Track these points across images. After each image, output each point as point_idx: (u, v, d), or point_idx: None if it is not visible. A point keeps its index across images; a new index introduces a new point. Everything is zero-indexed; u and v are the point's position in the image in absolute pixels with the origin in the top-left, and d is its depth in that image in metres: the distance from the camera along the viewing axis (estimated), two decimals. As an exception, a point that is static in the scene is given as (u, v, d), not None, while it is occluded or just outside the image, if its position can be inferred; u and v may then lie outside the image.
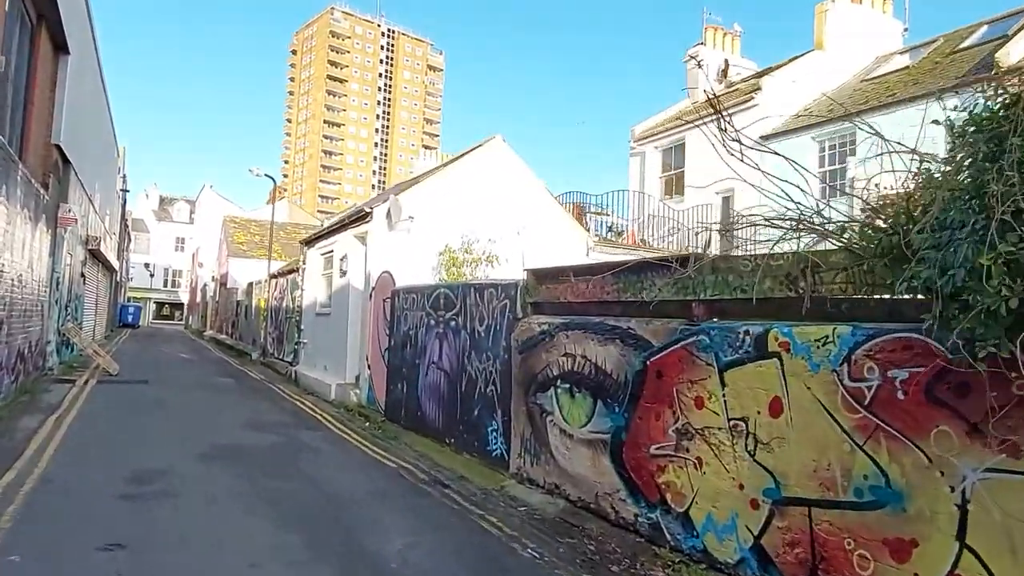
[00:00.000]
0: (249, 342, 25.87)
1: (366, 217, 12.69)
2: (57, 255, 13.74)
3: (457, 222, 12.83)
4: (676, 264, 5.50)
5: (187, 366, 19.44)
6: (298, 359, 17.04)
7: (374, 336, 12.13)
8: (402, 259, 12.31)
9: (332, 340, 14.43)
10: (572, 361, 6.60)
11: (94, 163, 19.19)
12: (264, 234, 37.58)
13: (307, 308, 16.93)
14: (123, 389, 12.95)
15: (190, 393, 13.14)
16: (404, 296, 10.83)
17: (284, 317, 19.61)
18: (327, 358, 14.76)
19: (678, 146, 20.71)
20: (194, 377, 16.34)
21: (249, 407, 11.88)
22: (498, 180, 13.52)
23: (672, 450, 5.36)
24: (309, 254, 17.15)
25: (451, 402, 8.98)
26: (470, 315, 8.68)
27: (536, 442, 7.10)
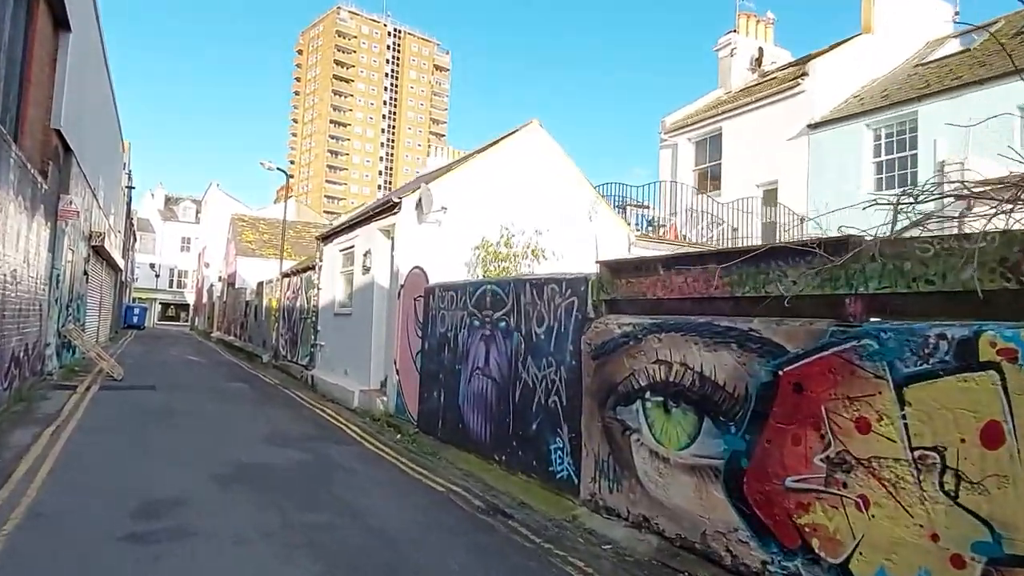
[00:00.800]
0: (259, 344, 24.82)
1: (393, 208, 11.60)
2: (57, 251, 12.69)
3: (492, 214, 11.75)
4: (820, 251, 4.39)
5: (196, 369, 18.38)
6: (315, 363, 15.96)
7: (403, 338, 11.04)
8: (433, 254, 11.23)
9: (354, 343, 13.34)
10: (666, 369, 5.49)
11: (98, 155, 18.17)
12: (273, 233, 36.60)
13: (324, 308, 15.85)
14: (128, 396, 11.88)
15: (201, 400, 12.06)
16: (440, 294, 9.73)
17: (298, 318, 18.54)
18: (348, 362, 13.67)
19: (714, 137, 19.58)
20: (204, 382, 15.28)
21: (267, 416, 10.79)
22: (535, 169, 12.42)
23: (820, 484, 4.24)
24: (326, 251, 16.07)
25: (501, 414, 7.87)
26: (524, 315, 7.57)
27: (616, 465, 5.98)
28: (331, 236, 15.64)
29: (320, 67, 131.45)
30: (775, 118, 17.50)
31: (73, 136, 13.15)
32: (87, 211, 16.54)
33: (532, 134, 12.56)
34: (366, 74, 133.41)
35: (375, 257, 12.53)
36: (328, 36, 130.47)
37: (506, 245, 11.05)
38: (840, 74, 17.01)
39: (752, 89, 19.33)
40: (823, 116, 16.43)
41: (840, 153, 15.80)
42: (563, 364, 6.84)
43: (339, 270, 15.08)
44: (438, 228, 11.58)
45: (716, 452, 4.98)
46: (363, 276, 13.10)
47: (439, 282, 10.03)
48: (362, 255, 13.05)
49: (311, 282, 17.40)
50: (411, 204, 11.39)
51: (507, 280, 8.23)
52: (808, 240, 4.63)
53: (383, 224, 12.26)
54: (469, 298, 8.88)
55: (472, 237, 11.55)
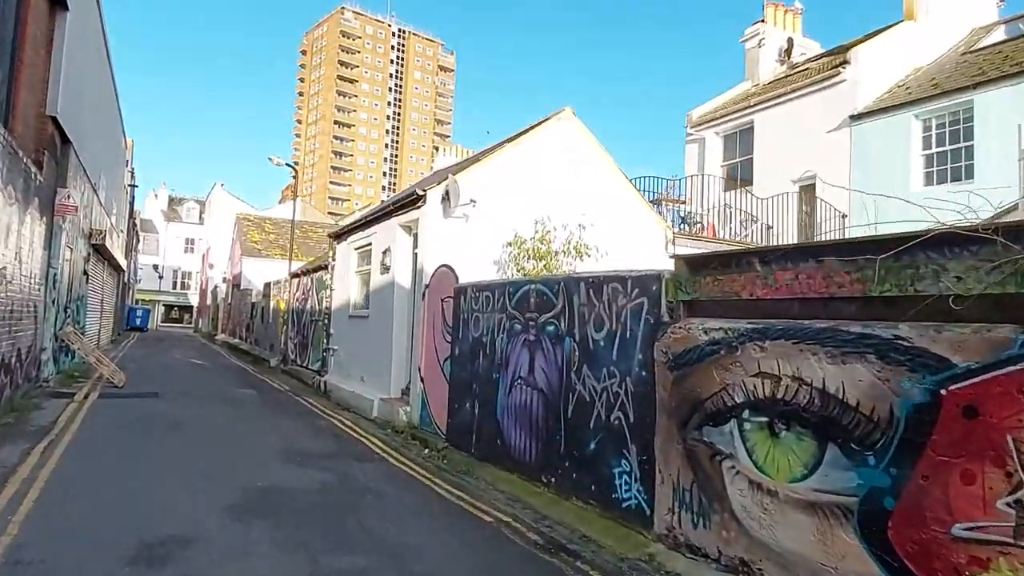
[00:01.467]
0: (266, 347, 23.94)
1: (417, 202, 10.70)
2: (54, 248, 11.81)
3: (523, 208, 10.86)
4: (1000, 238, 3.47)
5: (201, 374, 17.48)
6: (327, 368, 15.06)
7: (428, 343, 10.13)
8: (459, 251, 10.33)
9: (371, 347, 12.43)
10: (772, 384, 4.57)
11: (99, 149, 17.31)
12: (279, 233, 35.77)
13: (337, 310, 14.96)
14: (129, 405, 10.98)
15: (208, 409, 11.16)
16: (473, 295, 8.81)
17: (309, 320, 17.64)
18: (365, 368, 12.76)
19: (744, 130, 18.65)
20: (210, 388, 14.38)
21: (279, 428, 9.88)
22: (568, 160, 11.52)
23: (1008, 535, 3.32)
24: (339, 249, 15.18)
25: (550, 430, 6.96)
26: (579, 318, 6.66)
27: (702, 495, 5.06)
28: (345, 234, 14.75)
29: (324, 67, 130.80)
30: (813, 109, 16.57)
31: (72, 126, 12.29)
32: (87, 208, 15.68)
33: (564, 123, 11.65)
34: (370, 74, 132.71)
35: (395, 255, 11.62)
36: (332, 36, 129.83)
37: (542, 241, 10.12)
38: (883, 63, 16.08)
39: (786, 80, 18.40)
40: (866, 106, 15.49)
41: (886, 145, 14.86)
42: (629, 375, 5.92)
43: (354, 270, 14.18)
44: (465, 223, 10.68)
45: (846, 488, 4.06)
46: (382, 276, 12.19)
47: (471, 281, 9.12)
48: (380, 253, 12.14)
49: (323, 282, 16.51)
50: (437, 197, 10.49)
51: (555, 278, 7.31)
52: (979, 224, 3.70)
53: (405, 219, 11.37)
54: (508, 299, 7.97)
55: (502, 233, 10.65)
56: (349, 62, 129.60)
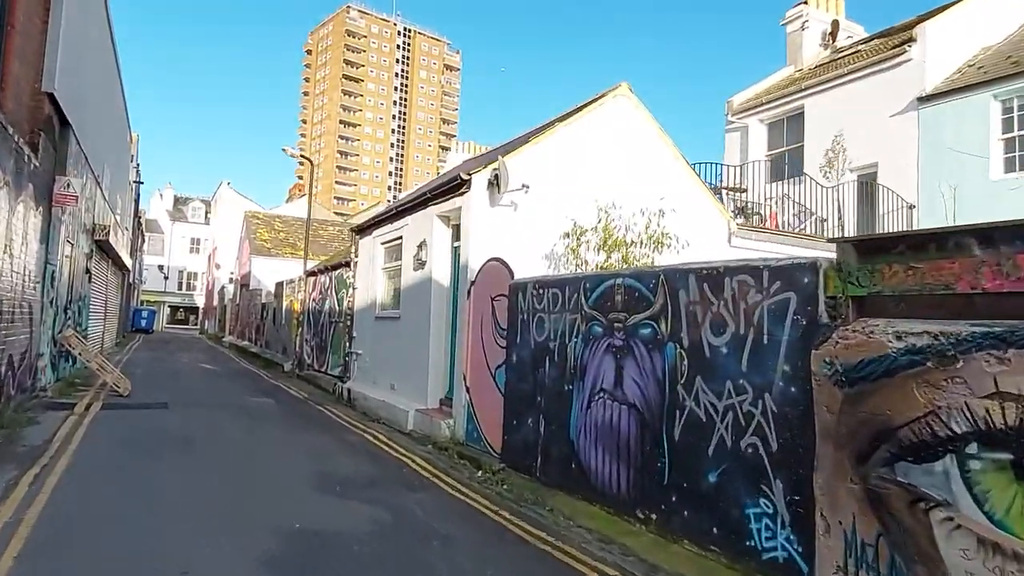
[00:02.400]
0: (278, 350, 22.74)
1: (459, 188, 9.47)
2: (52, 242, 10.62)
3: (578, 195, 9.63)
4: None
5: (211, 380, 16.28)
6: (350, 374, 13.83)
7: (475, 348, 8.90)
8: (508, 244, 9.13)
9: (403, 352, 11.21)
10: (1019, 410, 3.32)
11: (102, 139, 16.13)
12: (289, 231, 34.62)
13: (361, 311, 13.74)
14: (135, 417, 9.78)
15: (223, 421, 9.94)
16: (535, 292, 7.57)
17: (327, 322, 16.43)
18: (395, 374, 11.53)
19: (793, 116, 17.38)
20: (223, 396, 13.17)
21: (307, 445, 8.66)
22: (626, 141, 10.30)
23: None
24: (363, 244, 13.96)
25: (648, 455, 5.71)
26: (688, 319, 5.42)
27: (897, 554, 3.81)
28: (370, 227, 13.52)
29: (330, 67, 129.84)
30: (873, 92, 15.29)
31: (71, 108, 11.10)
32: (89, 200, 14.49)
33: (621, 100, 10.41)
34: (376, 74, 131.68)
35: (433, 249, 10.39)
36: (338, 35, 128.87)
37: (606, 231, 8.87)
38: (952, 40, 14.79)
39: (839, 62, 17.11)
40: (936, 87, 14.21)
41: (960, 130, 13.57)
42: (769, 391, 4.68)
43: (381, 266, 12.95)
44: (513, 212, 9.45)
45: None
46: (415, 272, 10.96)
47: (532, 277, 7.88)
48: (415, 247, 10.91)
49: (343, 281, 15.29)
50: (482, 182, 9.25)
51: (650, 272, 6.05)
52: None
53: (444, 209, 10.14)
54: (584, 297, 6.73)
55: (555, 223, 9.41)
56: (355, 61, 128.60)
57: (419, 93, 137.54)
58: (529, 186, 9.17)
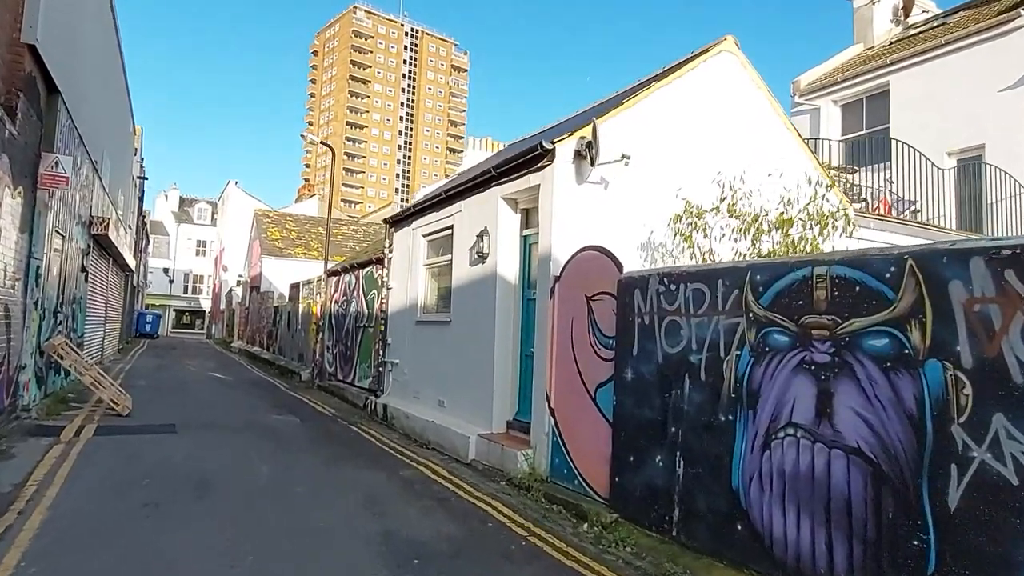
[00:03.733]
0: (293, 357, 20.93)
1: (537, 161, 7.62)
2: (37, 231, 8.83)
3: (684, 170, 7.80)
4: None
5: (224, 393, 14.45)
6: (384, 386, 11.99)
7: (561, 360, 7.06)
8: (598, 230, 7.32)
9: (455, 363, 9.38)
10: None
11: (101, 122, 14.35)
12: (302, 230, 32.87)
13: (398, 314, 11.90)
14: (136, 446, 7.94)
15: (243, 450, 8.10)
16: (664, 288, 5.71)
17: (353, 327, 14.59)
18: (445, 389, 9.69)
19: (873, 96, 15.52)
20: (239, 412, 11.34)
21: (356, 485, 6.80)
22: (733, 107, 8.48)
23: None
24: (399, 238, 12.13)
25: (892, 527, 3.84)
26: (970, 326, 3.55)
27: None
28: (408, 217, 11.68)
29: (336, 68, 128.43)
30: (976, 66, 13.42)
31: (61, 74, 9.32)
32: (85, 188, 12.69)
33: (726, 58, 8.57)
34: (383, 75, 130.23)
35: (498, 238, 8.55)
36: (344, 36, 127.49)
37: (731, 212, 7.00)
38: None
39: (929, 34, 15.25)
40: (1057, 56, 12.34)
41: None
42: None
43: (423, 262, 11.11)
44: (603, 192, 7.61)
45: None
46: (473, 268, 9.12)
47: (655, 269, 6.03)
48: (472, 238, 9.06)
49: (373, 280, 13.46)
50: (568, 153, 7.41)
51: (884, 255, 4.15)
52: None
53: (512, 189, 8.30)
54: (752, 293, 4.86)
55: (654, 203, 7.58)
56: (361, 62, 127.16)
57: (426, 95, 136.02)
58: (630, 157, 7.33)
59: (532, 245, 8.44)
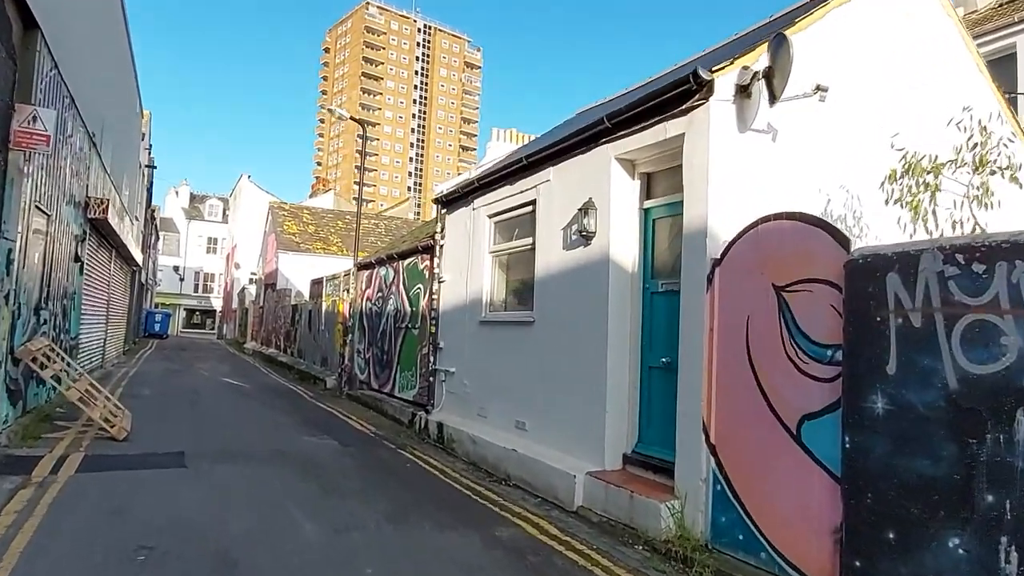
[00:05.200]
0: (315, 361, 18.92)
1: (680, 103, 5.52)
2: (8, 203, 6.83)
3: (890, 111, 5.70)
4: None
5: (242, 404, 12.44)
6: (436, 399, 9.92)
7: (723, 376, 4.98)
8: (760, 197, 5.25)
9: (545, 373, 7.29)
10: None
11: (99, 86, 12.35)
12: (320, 224, 30.89)
13: (452, 312, 9.84)
14: (131, 492, 5.89)
15: (279, 500, 6.03)
16: (961, 270, 3.59)
17: (391, 327, 12.53)
18: (526, 407, 7.61)
19: (998, 60, 13.30)
20: (264, 432, 9.31)
21: (449, 563, 4.71)
22: (922, 38, 6.35)
23: None
24: (455, 221, 10.07)
25: None
26: None
27: None
28: (467, 194, 9.59)
29: (348, 64, 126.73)
30: None
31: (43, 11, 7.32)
32: (80, 161, 10.70)
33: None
34: (395, 71, 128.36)
35: (612, 212, 6.46)
36: (357, 33, 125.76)
37: (979, 165, 4.89)
38: None
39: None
40: None
41: None
42: None
43: (488, 248, 9.04)
44: (771, 144, 5.53)
45: None
46: (570, 252, 7.03)
47: (934, 241, 3.89)
48: (571, 213, 6.96)
49: (418, 273, 11.40)
50: (728, 88, 5.32)
51: None
52: None
53: (631, 146, 6.21)
54: None
55: (850, 156, 5.48)
56: (374, 59, 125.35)
57: (439, 92, 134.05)
58: (826, 89, 5.23)
59: (656, 220, 6.37)
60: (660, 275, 6.24)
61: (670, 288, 6.04)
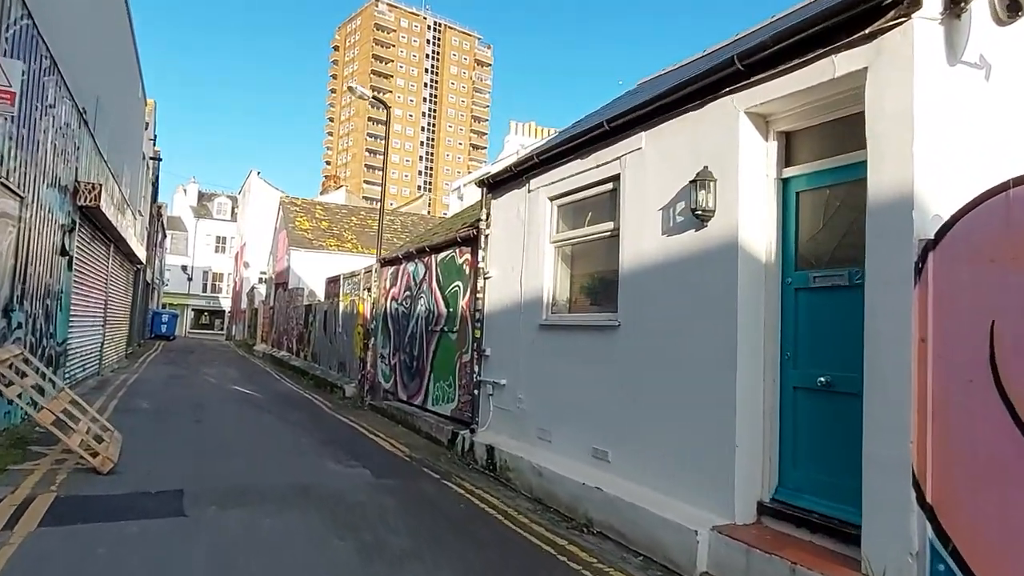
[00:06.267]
0: (331, 366, 17.48)
1: (868, 23, 3.98)
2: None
3: None
4: None
5: (255, 421, 10.98)
6: (482, 417, 8.41)
7: (934, 406, 3.43)
8: (965, 152, 3.71)
9: (638, 391, 5.76)
10: None
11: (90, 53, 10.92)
12: (334, 220, 29.47)
13: (501, 314, 8.33)
14: (112, 553, 4.41)
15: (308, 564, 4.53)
16: None
17: (422, 331, 11.04)
18: (613, 433, 6.08)
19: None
20: (283, 462, 7.84)
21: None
22: None
23: None
24: (501, 207, 8.56)
25: None
26: None
27: None
28: (522, 172, 8.06)
29: (358, 62, 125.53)
30: None
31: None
32: (67, 137, 9.25)
33: None
34: (405, 69, 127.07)
35: (740, 184, 4.92)
36: (366, 30, 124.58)
37: None
38: None
39: None
40: None
41: None
42: None
43: (550, 236, 7.52)
44: (984, 82, 3.99)
45: None
46: (674, 237, 5.49)
47: None
48: (675, 188, 5.43)
49: (456, 268, 9.91)
50: (937, 1, 3.78)
51: None
52: None
53: (770, 95, 4.67)
54: None
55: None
56: (383, 56, 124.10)
57: (449, 89, 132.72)
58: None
59: (801, 194, 4.84)
60: (809, 265, 4.71)
61: (829, 283, 4.51)
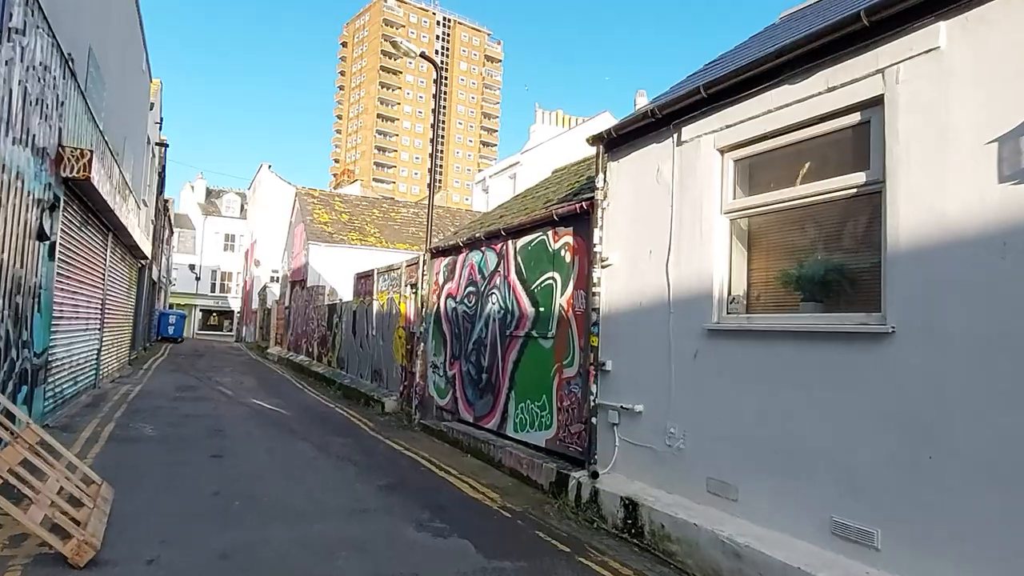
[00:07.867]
0: (363, 374, 15.28)
1: None
2: None
3: None
4: None
5: (289, 451, 8.78)
6: (605, 454, 6.16)
7: None
8: None
9: (933, 438, 3.50)
10: None
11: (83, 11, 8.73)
12: (355, 212, 27.29)
13: (627, 313, 6.08)
14: None
15: None
16: None
17: (497, 336, 8.80)
18: (888, 503, 3.83)
19: None
20: (341, 527, 5.64)
21: None
22: None
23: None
24: (628, 169, 6.32)
25: None
26: None
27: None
28: (672, 116, 5.80)
29: (367, 59, 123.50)
30: None
31: None
32: (44, 86, 7.06)
33: None
34: (414, 65, 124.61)
35: None
36: (375, 26, 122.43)
37: None
38: None
39: None
40: None
41: None
42: None
43: (722, 206, 5.26)
44: None
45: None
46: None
47: None
48: None
49: (546, 255, 7.67)
50: None
51: None
52: None
53: None
54: None
55: None
56: (393, 52, 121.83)
57: (459, 86, 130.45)
58: None
59: None
60: None
61: None
